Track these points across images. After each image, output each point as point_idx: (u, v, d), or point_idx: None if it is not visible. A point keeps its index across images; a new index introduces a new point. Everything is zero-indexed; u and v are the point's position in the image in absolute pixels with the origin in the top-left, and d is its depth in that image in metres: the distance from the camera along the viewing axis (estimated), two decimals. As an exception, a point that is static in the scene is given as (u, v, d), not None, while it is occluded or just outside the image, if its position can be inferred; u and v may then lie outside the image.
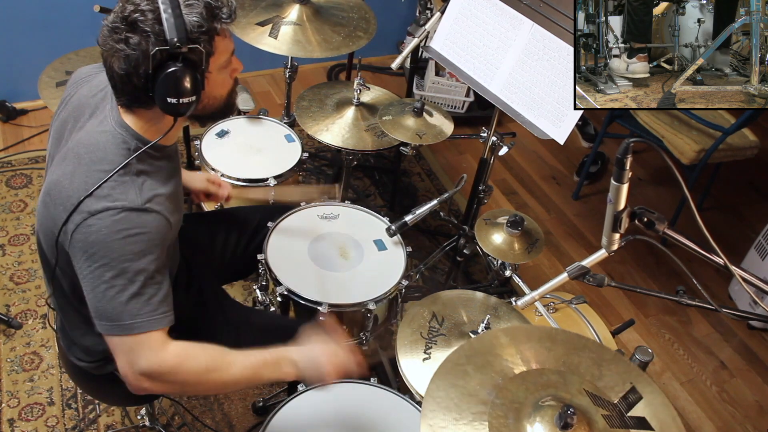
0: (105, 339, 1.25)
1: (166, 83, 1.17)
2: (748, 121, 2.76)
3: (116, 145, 1.25)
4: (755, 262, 2.77)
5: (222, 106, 1.35)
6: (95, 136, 1.26)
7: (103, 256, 1.18)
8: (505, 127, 2.75)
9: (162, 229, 1.26)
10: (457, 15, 1.96)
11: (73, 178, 1.22)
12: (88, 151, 1.24)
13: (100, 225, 1.18)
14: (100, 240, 1.18)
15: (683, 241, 1.19)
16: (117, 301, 1.20)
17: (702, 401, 2.50)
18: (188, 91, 1.19)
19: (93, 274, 1.20)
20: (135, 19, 1.14)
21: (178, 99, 1.18)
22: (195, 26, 1.17)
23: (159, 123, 1.28)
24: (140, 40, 1.14)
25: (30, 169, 2.89)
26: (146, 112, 1.26)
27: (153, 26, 1.14)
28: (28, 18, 2.92)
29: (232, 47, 1.29)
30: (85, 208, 1.18)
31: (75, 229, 1.19)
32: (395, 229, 1.89)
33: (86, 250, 1.19)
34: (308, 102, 2.34)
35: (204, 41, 1.19)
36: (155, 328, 1.24)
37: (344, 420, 1.48)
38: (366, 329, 1.80)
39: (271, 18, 2.36)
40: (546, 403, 1.10)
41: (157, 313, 1.24)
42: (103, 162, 1.22)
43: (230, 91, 1.35)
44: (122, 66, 1.17)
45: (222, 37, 1.24)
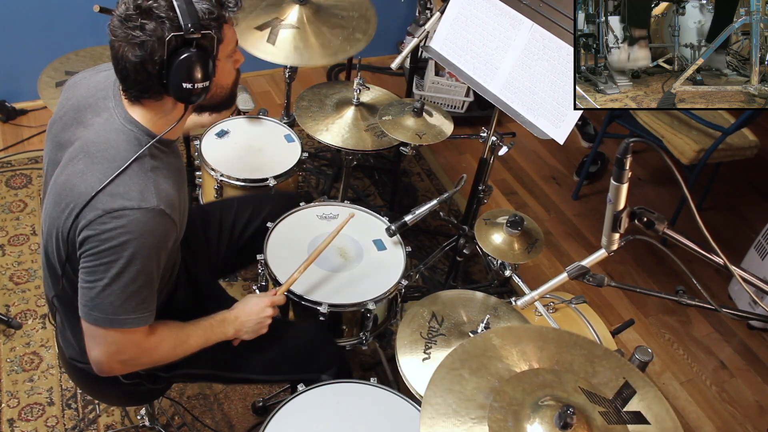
0: (84, 324, 1.28)
1: (181, 68, 1.19)
2: (748, 121, 2.76)
3: (128, 141, 1.26)
4: (755, 262, 2.77)
5: (227, 96, 1.38)
6: (104, 135, 1.27)
7: (112, 254, 1.20)
8: (504, 127, 2.75)
9: (171, 232, 1.29)
10: (457, 15, 1.96)
11: (85, 177, 1.23)
12: (99, 149, 1.25)
13: (116, 224, 1.20)
14: (113, 238, 1.20)
15: (683, 241, 1.19)
16: (115, 297, 1.23)
17: (702, 401, 2.50)
18: (202, 77, 1.22)
19: (97, 268, 1.22)
20: (149, 7, 1.16)
21: (193, 84, 1.21)
22: (206, 13, 1.20)
23: (168, 115, 1.30)
24: (156, 26, 1.17)
25: (30, 169, 2.89)
26: (155, 103, 1.27)
27: (167, 13, 1.17)
28: (28, 18, 2.91)
29: (237, 37, 1.33)
30: (101, 205, 1.20)
31: (88, 225, 1.20)
32: (395, 229, 1.89)
33: (96, 246, 1.21)
34: (308, 102, 2.33)
35: (214, 27, 1.22)
36: (142, 325, 1.30)
37: (344, 420, 1.48)
38: (366, 329, 1.80)
39: (270, 21, 2.35)
40: (544, 404, 1.10)
41: (147, 312, 1.30)
42: (116, 159, 1.24)
43: (234, 81, 1.39)
44: (137, 53, 1.18)
45: (229, 25, 1.28)
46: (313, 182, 3.06)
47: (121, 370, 1.37)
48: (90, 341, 1.30)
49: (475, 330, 1.63)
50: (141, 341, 1.32)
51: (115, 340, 1.29)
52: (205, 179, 2.24)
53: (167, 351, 1.41)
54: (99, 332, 1.28)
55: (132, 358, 1.35)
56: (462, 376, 1.15)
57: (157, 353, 1.39)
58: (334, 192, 2.96)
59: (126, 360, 1.34)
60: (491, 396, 1.11)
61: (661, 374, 2.57)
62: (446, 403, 1.10)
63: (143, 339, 1.33)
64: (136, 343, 1.32)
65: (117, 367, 1.35)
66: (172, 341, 1.41)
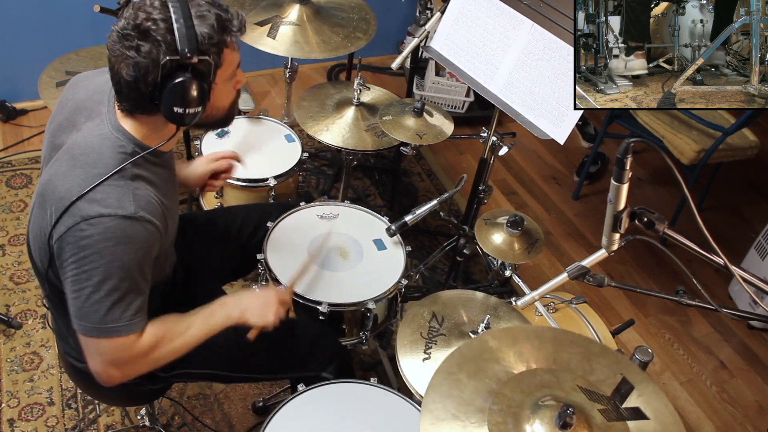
0: (79, 337, 1.27)
1: (174, 93, 1.18)
2: (748, 121, 2.76)
3: (112, 148, 1.25)
4: (755, 262, 2.77)
5: (223, 117, 1.37)
6: (91, 139, 1.26)
7: (92, 261, 1.20)
8: (505, 127, 2.75)
9: (153, 237, 1.27)
10: (457, 15, 1.96)
11: (66, 180, 1.22)
12: (83, 152, 1.25)
13: (92, 231, 1.18)
14: (91, 245, 1.19)
15: (683, 241, 1.19)
16: (100, 305, 1.22)
17: (702, 401, 2.50)
18: (195, 102, 1.20)
19: (79, 276, 1.21)
20: (147, 28, 1.15)
21: (185, 109, 1.20)
22: (206, 38, 1.18)
23: (160, 130, 1.29)
24: (151, 49, 1.15)
25: (30, 169, 2.89)
26: (147, 118, 1.27)
27: (165, 36, 1.15)
28: (28, 18, 2.91)
29: (239, 60, 1.31)
30: (78, 212, 1.19)
31: (66, 231, 1.19)
32: (395, 229, 1.89)
33: (76, 253, 1.20)
34: (308, 102, 2.34)
35: (213, 53, 1.20)
36: (132, 332, 1.28)
37: (344, 420, 1.48)
38: (366, 329, 1.80)
39: (271, 18, 2.36)
40: (543, 404, 1.10)
41: (136, 318, 1.28)
42: (98, 165, 1.23)
43: (233, 102, 1.37)
44: (130, 72, 1.18)
45: (230, 50, 1.26)
46: (313, 182, 3.06)
47: (122, 377, 1.33)
48: (86, 352, 1.29)
49: (475, 330, 1.63)
50: (134, 347, 1.29)
51: (107, 350, 1.27)
52: (205, 179, 2.24)
53: (168, 347, 1.37)
54: (91, 342, 1.27)
55: (129, 365, 1.32)
56: (460, 380, 1.14)
57: (157, 353, 1.35)
58: (334, 192, 2.96)
59: (123, 367, 1.31)
60: (490, 399, 1.11)
61: (661, 374, 2.57)
62: (445, 409, 1.10)
63: (136, 344, 1.30)
64: (129, 349, 1.29)
65: (116, 374, 1.31)
66: (169, 337, 1.37)
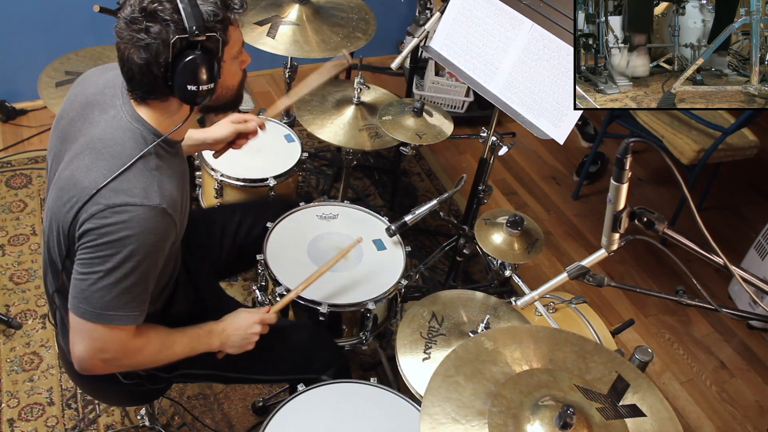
0: (71, 317, 1.27)
1: (186, 71, 1.20)
2: (747, 121, 2.76)
3: (134, 139, 1.27)
4: (755, 262, 2.77)
5: (233, 97, 1.39)
6: (111, 132, 1.27)
7: (109, 247, 1.20)
8: (504, 127, 2.74)
9: (171, 232, 1.29)
10: (457, 15, 1.96)
11: (90, 173, 1.23)
12: (105, 146, 1.26)
13: (116, 219, 1.20)
14: (113, 232, 1.20)
15: (683, 241, 1.19)
16: (106, 292, 1.23)
17: (702, 401, 2.50)
18: (207, 79, 1.22)
19: (93, 260, 1.22)
20: (154, 9, 1.17)
21: (198, 86, 1.22)
22: (211, 15, 1.20)
23: (173, 115, 1.31)
24: (160, 29, 1.17)
25: (30, 169, 2.89)
26: (161, 104, 1.28)
27: (172, 15, 1.17)
28: (28, 18, 2.91)
29: (242, 38, 1.33)
30: (103, 200, 1.20)
31: (89, 218, 1.20)
32: (395, 229, 1.89)
33: (95, 239, 1.21)
34: (308, 101, 2.34)
35: (219, 30, 1.22)
36: (130, 324, 1.28)
37: (344, 420, 1.48)
38: (366, 329, 1.80)
39: (270, 18, 2.36)
40: (543, 405, 1.10)
41: (137, 311, 1.28)
42: (121, 156, 1.24)
43: (240, 82, 1.39)
44: (142, 56, 1.19)
45: (234, 27, 1.28)
46: (313, 182, 3.06)
47: (103, 369, 1.34)
48: (75, 335, 1.29)
49: (475, 330, 1.63)
50: (126, 341, 1.30)
51: (100, 336, 1.27)
52: (205, 179, 2.24)
53: (151, 355, 1.39)
54: (85, 326, 1.26)
55: (115, 358, 1.32)
56: (458, 383, 1.14)
57: (141, 356, 1.37)
58: (334, 192, 2.96)
59: (109, 359, 1.32)
60: (489, 401, 1.11)
61: (661, 374, 2.57)
62: (445, 412, 1.10)
63: (129, 339, 1.31)
64: (122, 342, 1.30)
65: (99, 365, 1.32)
66: (157, 345, 1.39)
